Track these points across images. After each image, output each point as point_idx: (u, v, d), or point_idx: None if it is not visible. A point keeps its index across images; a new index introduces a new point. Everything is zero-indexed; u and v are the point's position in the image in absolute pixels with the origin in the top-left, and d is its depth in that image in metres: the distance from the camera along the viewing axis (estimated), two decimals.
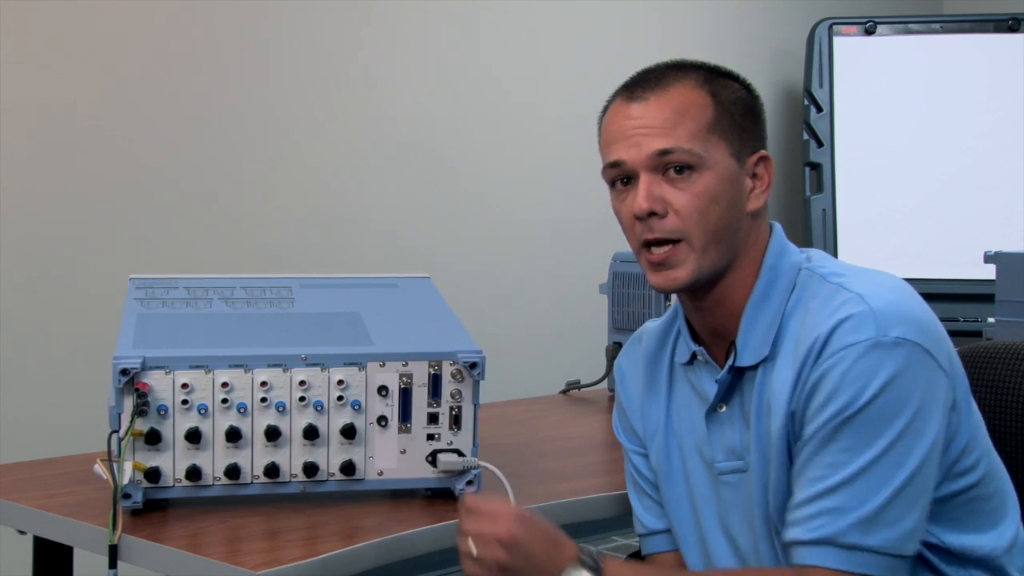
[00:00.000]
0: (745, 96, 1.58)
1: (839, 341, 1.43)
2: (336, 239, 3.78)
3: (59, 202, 3.26)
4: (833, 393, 1.42)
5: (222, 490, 1.67)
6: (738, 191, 1.54)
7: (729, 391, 1.56)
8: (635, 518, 1.73)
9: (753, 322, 1.54)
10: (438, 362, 1.73)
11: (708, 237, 1.52)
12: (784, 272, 1.55)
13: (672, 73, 1.57)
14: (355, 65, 3.82)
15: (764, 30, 4.94)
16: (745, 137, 1.55)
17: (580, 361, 2.90)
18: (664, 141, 1.52)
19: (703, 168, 1.52)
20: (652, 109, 1.54)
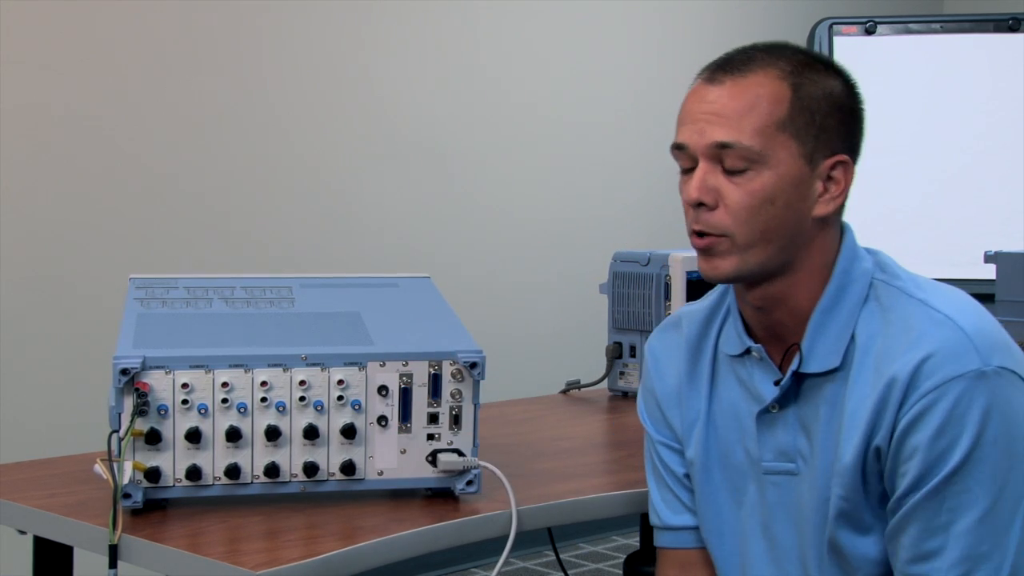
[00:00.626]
0: (838, 93, 1.48)
1: (934, 376, 1.37)
2: (336, 239, 3.78)
3: (59, 202, 3.26)
4: (938, 435, 1.37)
5: (222, 490, 1.67)
6: (802, 194, 1.46)
7: (786, 394, 1.51)
8: (652, 508, 1.69)
9: (821, 328, 1.48)
10: (438, 362, 1.73)
11: (755, 237, 1.46)
12: (857, 278, 1.49)
13: (760, 58, 1.48)
14: (355, 65, 3.82)
15: (764, 30, 4.93)
16: (823, 138, 1.46)
17: (580, 361, 2.90)
18: (726, 133, 1.46)
19: (763, 166, 1.45)
20: (725, 95, 1.47)
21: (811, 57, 1.50)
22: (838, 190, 1.49)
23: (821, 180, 1.48)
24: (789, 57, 1.48)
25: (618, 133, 4.48)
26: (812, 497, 1.49)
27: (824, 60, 1.52)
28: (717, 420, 1.60)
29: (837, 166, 1.48)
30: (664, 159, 5.02)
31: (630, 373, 2.63)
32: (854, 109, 1.50)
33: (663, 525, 1.67)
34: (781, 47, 1.51)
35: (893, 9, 5.27)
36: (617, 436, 2.43)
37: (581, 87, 4.37)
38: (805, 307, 1.50)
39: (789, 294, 1.50)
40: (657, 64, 4.58)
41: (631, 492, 1.86)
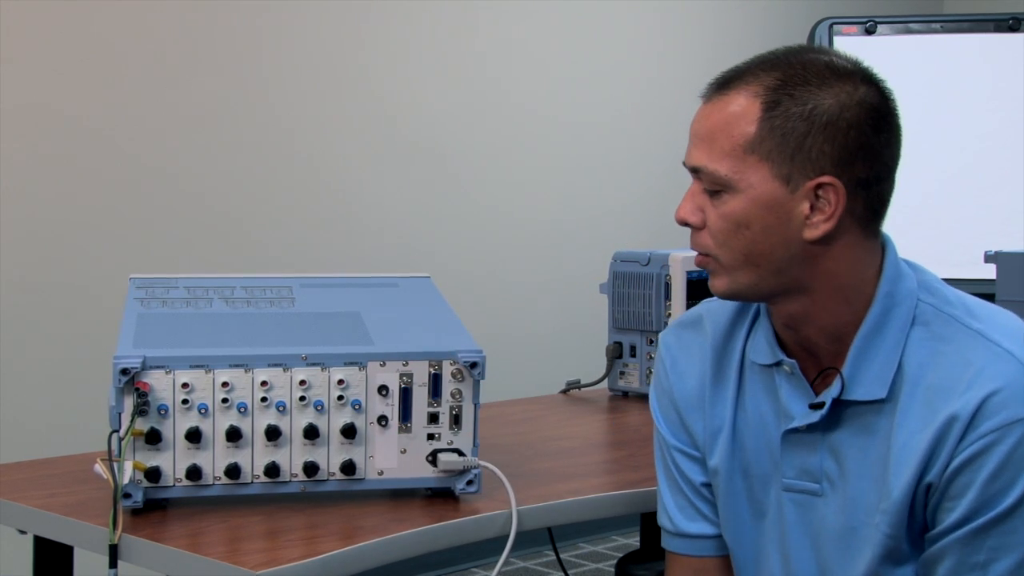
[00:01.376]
0: (829, 110, 1.38)
1: (996, 416, 1.33)
2: (336, 239, 3.78)
3: (59, 202, 3.26)
4: (993, 476, 1.34)
5: (222, 490, 1.67)
6: (781, 218, 1.40)
7: (828, 416, 1.45)
8: (664, 511, 1.63)
9: (865, 354, 1.42)
10: (438, 362, 1.72)
11: (737, 260, 1.43)
12: (902, 300, 1.43)
13: (745, 74, 1.43)
14: (355, 65, 3.82)
15: (764, 30, 4.93)
16: (801, 159, 1.38)
17: (580, 361, 2.90)
18: (698, 156, 1.43)
19: (733, 190, 1.40)
20: (704, 115, 1.44)
21: (816, 69, 1.41)
22: (826, 214, 1.40)
23: (807, 201, 1.40)
24: (783, 70, 1.41)
25: (618, 133, 4.48)
26: (837, 523, 1.46)
27: (843, 70, 1.42)
28: (743, 430, 1.55)
29: (823, 188, 1.39)
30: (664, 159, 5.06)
31: (630, 373, 2.63)
32: (855, 126, 1.39)
33: (676, 531, 1.62)
34: (776, 58, 1.43)
35: (893, 9, 5.27)
36: (617, 436, 2.43)
37: (581, 87, 4.37)
38: (836, 327, 1.45)
39: (811, 314, 1.45)
40: (657, 64, 4.58)
41: (631, 492, 1.86)
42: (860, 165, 1.40)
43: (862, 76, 1.42)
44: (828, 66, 1.41)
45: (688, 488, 1.61)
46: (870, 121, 1.40)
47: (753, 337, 1.54)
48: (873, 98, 1.41)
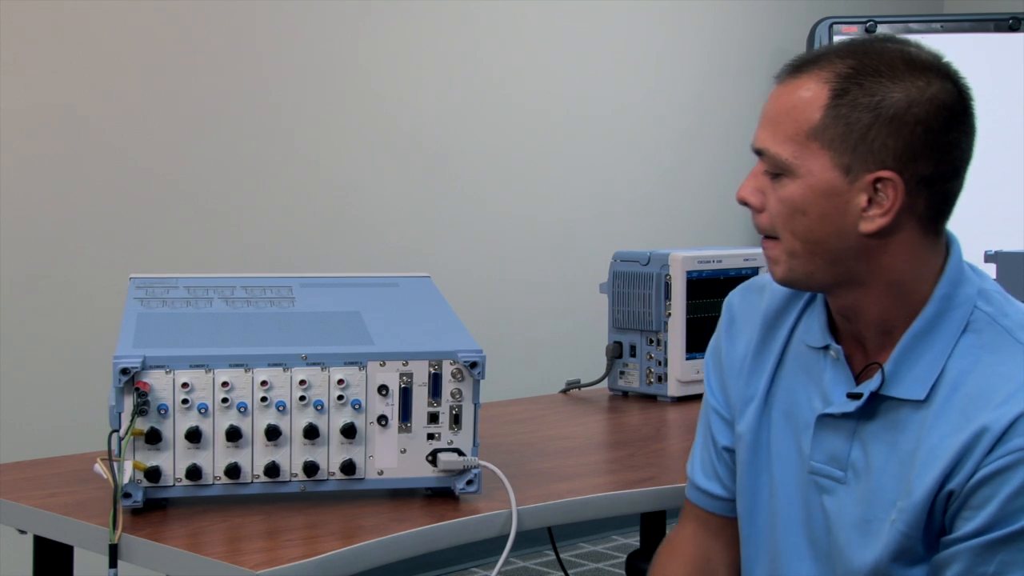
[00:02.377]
0: (898, 104, 1.36)
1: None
2: (336, 239, 3.78)
3: (59, 202, 3.26)
4: (1014, 496, 1.33)
5: (222, 489, 1.67)
6: (838, 207, 1.39)
7: (866, 407, 1.46)
8: (691, 457, 1.67)
9: (911, 353, 1.42)
10: (438, 361, 1.73)
11: (796, 245, 1.42)
12: (959, 305, 1.42)
13: (820, 59, 1.41)
14: (355, 66, 3.82)
15: (764, 30, 4.93)
16: (863, 151, 1.37)
17: (580, 361, 2.90)
18: (762, 139, 1.43)
19: (793, 175, 1.40)
20: (775, 97, 1.44)
21: (892, 60, 1.38)
22: (884, 208, 1.38)
23: (865, 194, 1.38)
24: (858, 58, 1.39)
25: (618, 133, 4.48)
26: (854, 513, 1.46)
27: (920, 63, 1.39)
28: (774, 405, 1.56)
29: (882, 182, 1.38)
30: (664, 159, 5.06)
31: (630, 373, 2.63)
32: (922, 122, 1.37)
33: (693, 483, 1.66)
34: (852, 47, 1.41)
35: (893, 9, 5.27)
36: (617, 436, 2.43)
37: (581, 87, 4.37)
38: (886, 322, 1.45)
39: (864, 307, 1.45)
40: (657, 64, 4.58)
41: (631, 492, 1.86)
42: (924, 162, 1.38)
43: (939, 71, 1.40)
44: (905, 58, 1.39)
45: (713, 447, 1.64)
46: (940, 118, 1.38)
47: (807, 318, 1.54)
48: (947, 95, 1.39)
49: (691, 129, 4.65)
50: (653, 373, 2.59)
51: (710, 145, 4.70)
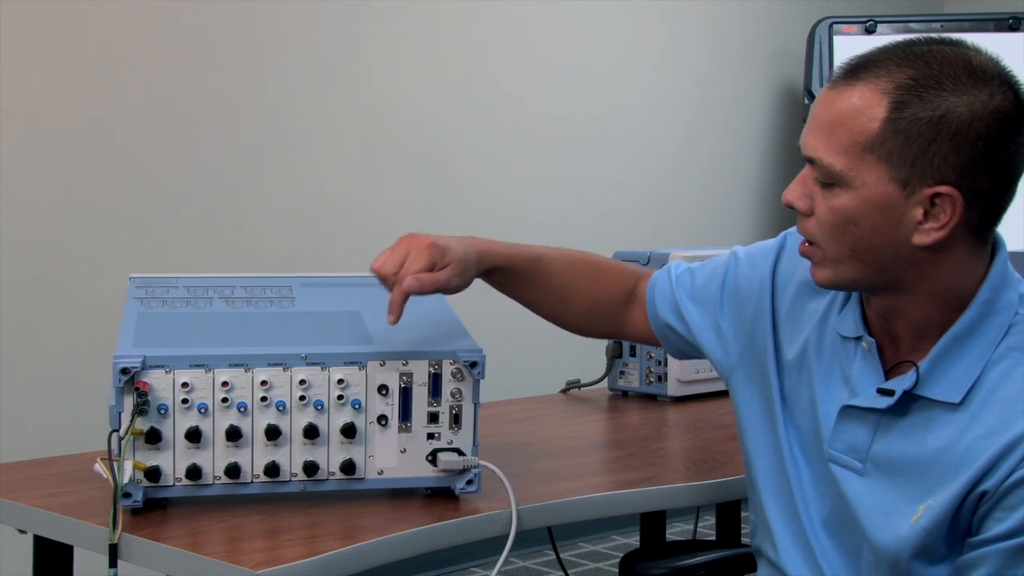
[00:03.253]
0: (960, 118, 1.32)
1: None
2: (336, 239, 3.78)
3: (59, 202, 3.26)
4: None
5: (222, 489, 1.67)
6: (893, 220, 1.36)
7: (899, 404, 1.45)
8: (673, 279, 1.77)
9: (949, 354, 1.41)
10: (438, 361, 1.72)
11: (843, 253, 1.41)
12: (1001, 310, 1.40)
13: (877, 64, 1.36)
14: (356, 65, 3.82)
15: (764, 29, 4.93)
16: (923, 165, 1.33)
17: (580, 361, 2.90)
18: (815, 146, 1.39)
19: (846, 186, 1.37)
20: (828, 103, 1.38)
21: (952, 69, 1.34)
22: (941, 222, 1.36)
23: (921, 207, 1.36)
24: (918, 67, 1.35)
25: (618, 133, 4.48)
26: (872, 503, 1.46)
27: (981, 71, 1.35)
28: (795, 384, 1.57)
29: (939, 197, 1.34)
30: (664, 159, 5.07)
31: (630, 372, 2.63)
32: (984, 137, 1.33)
33: (656, 303, 1.78)
34: (923, 51, 1.36)
35: (893, 8, 5.27)
36: (617, 436, 2.43)
37: (581, 87, 4.37)
38: (925, 324, 1.44)
39: (905, 310, 1.44)
40: (657, 64, 4.58)
41: (631, 492, 1.86)
42: (983, 177, 1.35)
43: (1000, 80, 1.36)
44: (966, 67, 1.35)
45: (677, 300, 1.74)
46: (1001, 131, 1.34)
47: (845, 312, 1.53)
48: (1008, 106, 1.35)
49: (691, 129, 4.65)
50: (653, 373, 2.59)
51: (710, 145, 4.70)
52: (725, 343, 1.70)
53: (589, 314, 1.84)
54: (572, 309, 1.85)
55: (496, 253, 1.75)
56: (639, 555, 2.15)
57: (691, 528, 3.40)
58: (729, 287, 1.70)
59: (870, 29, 4.81)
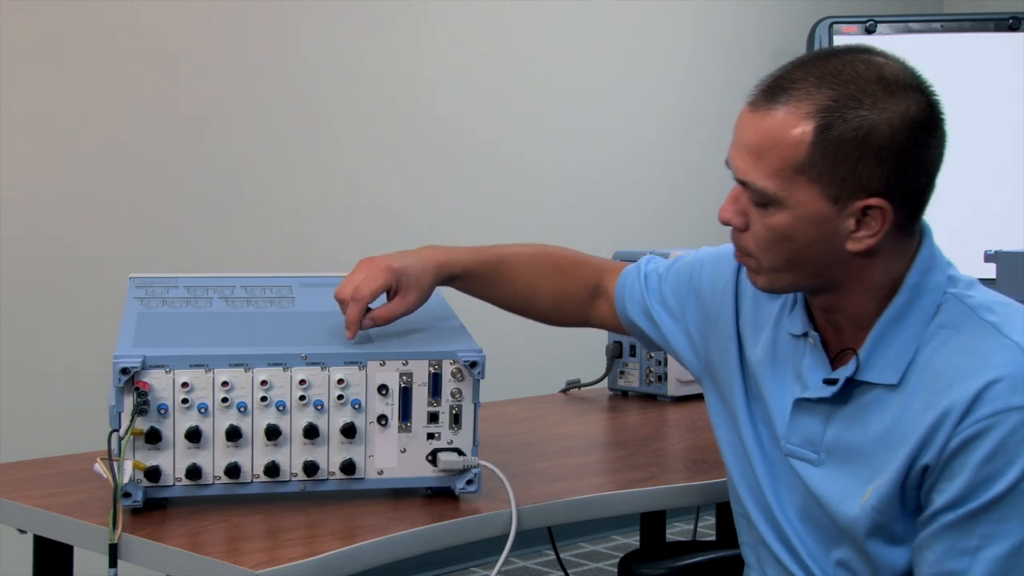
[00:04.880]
0: (882, 133, 1.38)
1: (994, 402, 1.35)
2: (336, 239, 3.78)
3: (59, 202, 3.26)
4: (985, 461, 1.35)
5: (222, 489, 1.67)
6: (826, 233, 1.42)
7: (842, 392, 1.50)
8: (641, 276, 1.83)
9: (884, 339, 1.46)
10: (438, 361, 1.72)
11: (780, 264, 1.46)
12: (930, 291, 1.45)
13: (795, 87, 1.40)
14: (356, 65, 3.82)
15: (764, 29, 4.93)
16: (852, 182, 1.39)
17: (580, 361, 2.90)
18: (745, 170, 1.43)
19: (780, 206, 1.42)
20: (751, 126, 1.43)
21: (867, 85, 1.39)
22: (872, 230, 1.41)
23: (853, 218, 1.41)
24: (835, 87, 1.39)
25: (619, 133, 4.48)
26: (828, 491, 1.50)
27: (894, 83, 1.40)
28: (755, 377, 1.62)
29: (870, 209, 1.40)
30: (665, 159, 5.06)
31: (630, 372, 2.63)
32: (905, 147, 1.39)
33: (625, 303, 1.83)
34: (837, 68, 1.40)
35: (893, 8, 5.27)
36: (617, 436, 2.43)
37: (581, 86, 4.37)
38: (863, 315, 1.48)
39: (844, 306, 1.49)
40: (658, 64, 4.58)
41: (631, 492, 1.86)
42: (908, 182, 1.42)
43: (912, 86, 1.41)
44: (880, 80, 1.39)
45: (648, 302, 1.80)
46: (920, 138, 1.41)
47: (793, 312, 1.58)
48: (922, 111, 1.41)
49: (691, 129, 4.65)
50: (653, 373, 2.59)
51: (710, 145, 4.70)
52: (695, 346, 1.76)
53: (554, 309, 1.91)
54: (536, 306, 1.91)
55: (455, 262, 1.82)
56: (639, 555, 2.15)
57: (691, 528, 3.40)
58: (694, 289, 1.76)
59: (870, 29, 4.81)
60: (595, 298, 1.90)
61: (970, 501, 1.37)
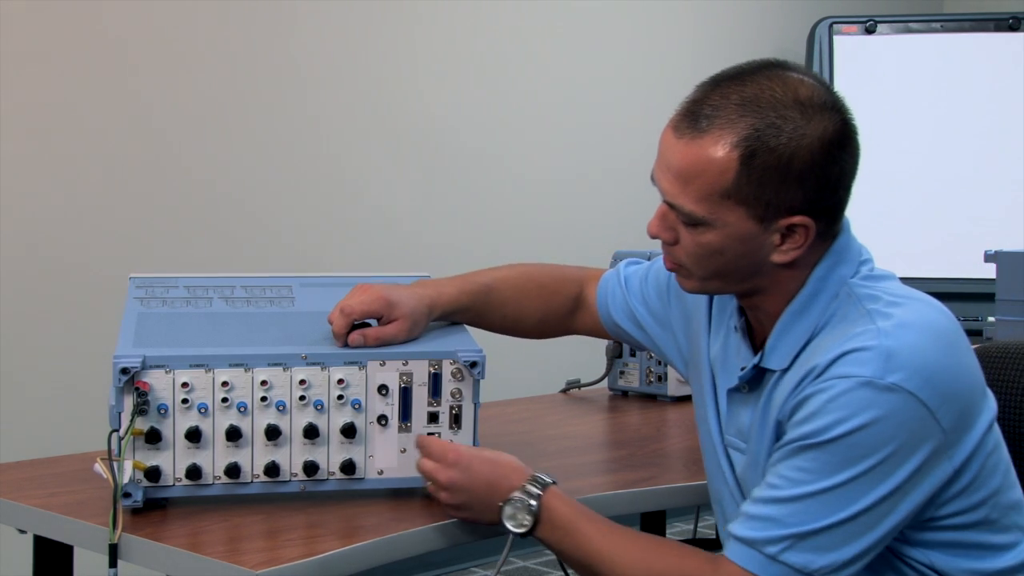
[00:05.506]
0: (802, 158, 1.46)
1: (837, 369, 1.44)
2: (336, 239, 3.78)
3: (59, 202, 3.26)
4: (811, 415, 1.44)
5: (222, 489, 1.67)
6: (753, 248, 1.51)
7: (751, 380, 1.60)
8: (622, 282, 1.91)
9: (787, 329, 1.54)
10: (438, 361, 1.73)
11: (709, 274, 1.55)
12: (830, 285, 1.53)
13: (716, 115, 1.48)
14: (356, 65, 3.82)
15: (764, 29, 4.93)
16: (776, 204, 1.47)
17: (580, 361, 2.90)
18: (672, 193, 1.52)
19: (709, 227, 1.50)
20: (677, 151, 1.50)
21: (786, 110, 1.46)
22: (796, 244, 1.51)
23: (778, 234, 1.50)
24: (757, 115, 1.46)
25: (619, 133, 4.48)
26: (746, 475, 1.61)
27: (810, 105, 1.47)
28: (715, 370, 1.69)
29: (793, 227, 1.49)
30: None
31: (630, 372, 2.63)
32: (823, 166, 1.47)
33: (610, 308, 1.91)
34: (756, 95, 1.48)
35: (893, 8, 5.26)
36: (617, 436, 2.43)
37: (581, 86, 4.37)
38: (780, 311, 1.57)
39: (763, 306, 1.58)
40: (658, 64, 4.58)
41: (631, 492, 1.86)
42: (828, 197, 1.50)
43: (827, 106, 1.49)
44: (797, 103, 1.47)
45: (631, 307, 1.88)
46: (836, 156, 1.48)
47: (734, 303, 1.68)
48: (837, 131, 1.49)
49: None
50: (653, 373, 2.59)
51: None
52: (679, 344, 1.83)
53: (539, 328, 1.97)
54: (523, 326, 1.96)
55: (445, 299, 1.84)
56: None
57: (691, 528, 3.40)
58: (675, 288, 1.81)
59: (870, 29, 4.81)
60: (577, 310, 1.97)
61: (795, 441, 1.45)
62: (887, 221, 4.73)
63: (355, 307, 1.73)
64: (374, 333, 1.73)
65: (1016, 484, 1.57)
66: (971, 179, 4.72)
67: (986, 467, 1.50)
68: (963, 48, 4.79)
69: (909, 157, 4.75)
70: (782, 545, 1.43)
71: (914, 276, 4.67)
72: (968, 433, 1.47)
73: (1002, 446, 1.54)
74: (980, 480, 1.49)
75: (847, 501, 1.42)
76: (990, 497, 1.51)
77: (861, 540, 1.43)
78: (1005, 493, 1.53)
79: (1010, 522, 1.54)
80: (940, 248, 4.71)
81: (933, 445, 1.43)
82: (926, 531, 1.50)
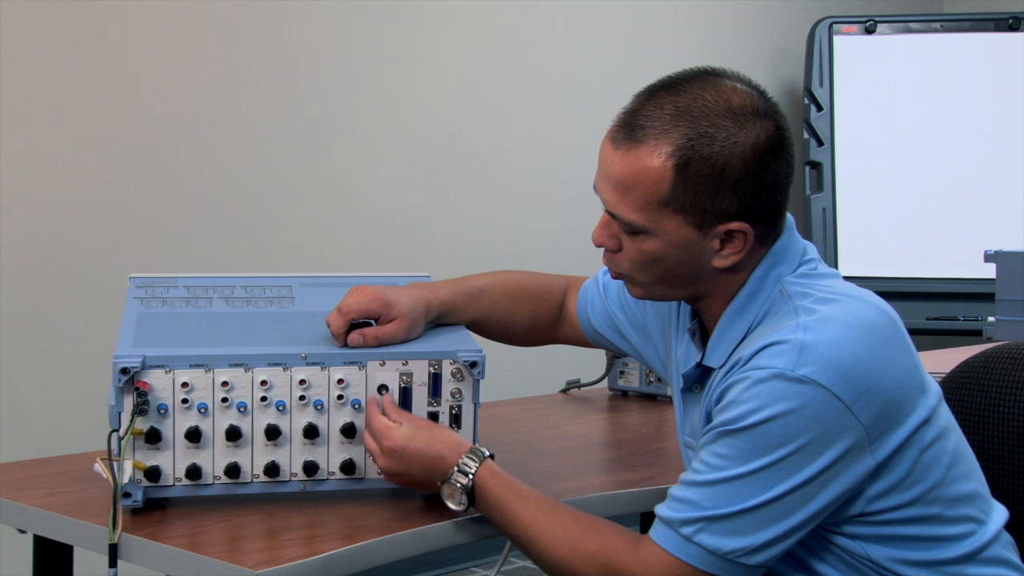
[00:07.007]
0: (735, 166, 1.49)
1: (756, 361, 1.47)
2: (336, 239, 3.78)
3: (59, 201, 3.26)
4: (730, 404, 1.48)
5: (222, 489, 1.67)
6: (694, 254, 1.54)
7: (699, 380, 1.64)
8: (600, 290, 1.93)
9: (727, 328, 1.58)
10: (438, 361, 1.73)
11: (652, 281, 1.59)
12: (770, 284, 1.57)
13: (650, 125, 1.52)
14: (356, 65, 3.82)
15: (764, 29, 4.94)
16: (712, 211, 1.51)
17: (580, 361, 2.90)
18: (612, 203, 1.55)
19: (649, 235, 1.54)
20: (615, 162, 1.55)
21: (718, 119, 1.49)
22: (736, 249, 1.54)
23: (717, 239, 1.53)
24: (690, 125, 1.49)
25: None
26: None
27: (742, 113, 1.50)
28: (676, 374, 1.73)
29: (732, 232, 1.52)
30: None
31: (630, 372, 2.63)
32: (757, 174, 1.50)
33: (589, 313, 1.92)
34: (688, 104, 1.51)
35: (893, 8, 5.27)
36: (617, 435, 2.43)
37: (581, 86, 4.37)
38: (722, 311, 1.61)
39: (708, 309, 1.62)
40: (658, 64, 4.56)
41: (631, 492, 1.86)
42: (764, 203, 1.53)
43: (759, 112, 1.51)
44: (729, 112, 1.50)
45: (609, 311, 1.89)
46: (770, 162, 1.51)
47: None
48: (770, 137, 1.51)
49: None
50: (653, 373, 2.59)
51: None
52: (657, 349, 1.84)
53: (528, 334, 1.98)
54: (513, 332, 1.97)
55: (440, 299, 1.85)
56: None
57: None
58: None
59: (870, 29, 4.81)
60: (560, 319, 1.99)
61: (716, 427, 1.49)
62: (887, 221, 4.74)
63: (352, 307, 1.74)
64: (373, 332, 1.73)
65: (969, 476, 1.56)
66: (971, 179, 4.72)
67: (921, 462, 1.50)
68: (963, 48, 4.79)
69: (909, 157, 4.75)
70: (696, 527, 1.47)
71: (914, 276, 4.67)
72: (896, 429, 1.47)
73: (947, 439, 1.53)
74: (916, 475, 1.50)
75: (760, 488, 1.45)
76: (929, 491, 1.51)
77: (774, 527, 1.45)
78: (950, 486, 1.53)
79: (958, 514, 1.53)
80: (940, 248, 4.71)
81: (852, 439, 1.44)
82: (860, 525, 1.51)
